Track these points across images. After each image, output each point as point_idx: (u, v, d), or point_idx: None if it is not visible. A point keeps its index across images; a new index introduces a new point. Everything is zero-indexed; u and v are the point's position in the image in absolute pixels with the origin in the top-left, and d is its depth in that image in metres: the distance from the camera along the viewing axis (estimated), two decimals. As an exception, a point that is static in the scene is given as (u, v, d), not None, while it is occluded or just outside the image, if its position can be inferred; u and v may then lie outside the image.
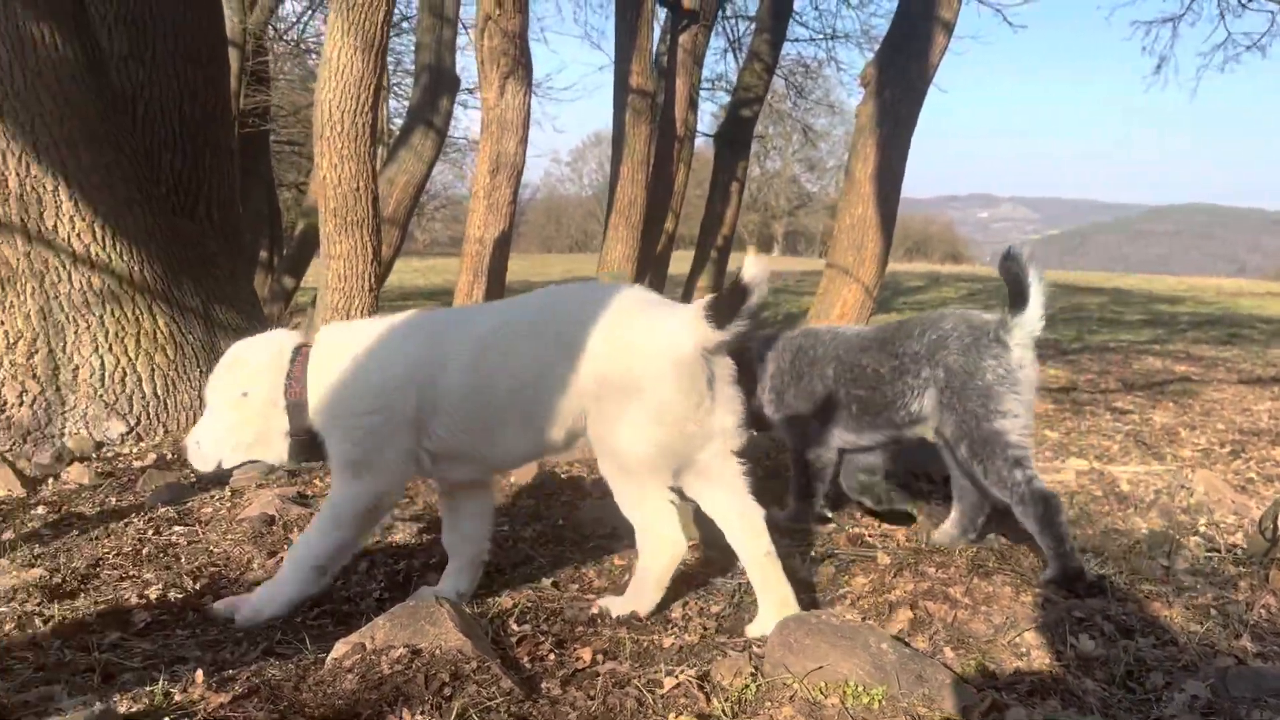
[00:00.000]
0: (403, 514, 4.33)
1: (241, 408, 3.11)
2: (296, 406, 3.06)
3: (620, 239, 7.55)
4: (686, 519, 3.97)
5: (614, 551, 3.84)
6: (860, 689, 2.40)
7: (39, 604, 3.14)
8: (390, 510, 3.18)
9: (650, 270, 9.82)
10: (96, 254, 5.78)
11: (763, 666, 2.55)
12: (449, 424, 3.01)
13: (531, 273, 27.26)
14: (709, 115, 20.82)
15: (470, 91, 15.42)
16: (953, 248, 68.14)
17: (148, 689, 2.29)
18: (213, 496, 4.66)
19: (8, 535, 4.14)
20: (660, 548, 3.06)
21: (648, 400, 2.87)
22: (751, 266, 2.76)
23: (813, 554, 3.71)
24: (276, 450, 3.14)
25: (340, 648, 2.52)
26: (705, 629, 2.98)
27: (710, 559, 3.68)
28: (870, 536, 4.09)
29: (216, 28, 7.17)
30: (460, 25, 11.51)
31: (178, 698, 2.25)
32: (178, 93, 6.74)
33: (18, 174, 5.57)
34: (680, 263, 12.82)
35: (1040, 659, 2.84)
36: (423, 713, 2.24)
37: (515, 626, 2.93)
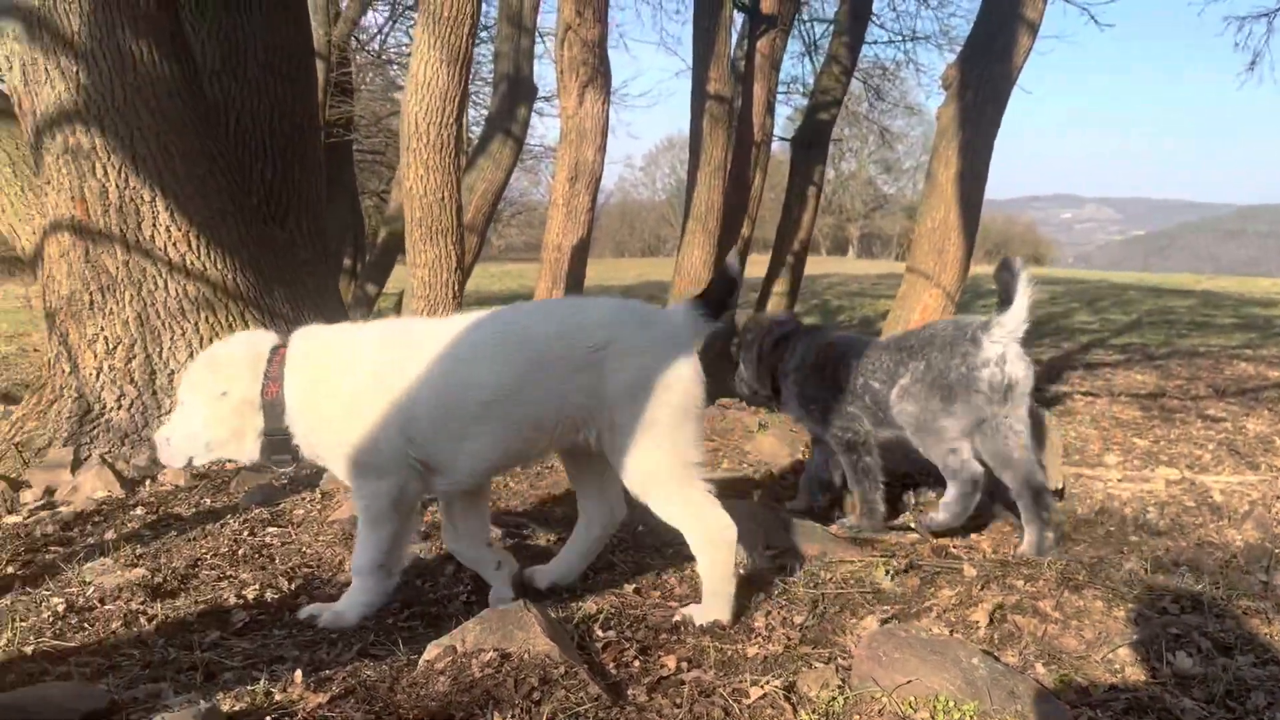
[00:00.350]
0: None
1: (218, 406, 3.14)
2: (272, 406, 3.11)
3: (697, 245, 7.56)
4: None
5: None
6: (951, 704, 2.38)
7: (142, 602, 3.27)
8: (422, 494, 3.18)
9: (727, 275, 9.81)
10: (191, 263, 5.99)
11: (850, 679, 2.54)
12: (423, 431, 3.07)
13: (605, 277, 27.40)
14: (783, 118, 20.70)
15: (547, 99, 15.58)
16: (1034, 249, 66.67)
17: (249, 688, 2.37)
18: (304, 499, 4.79)
19: (110, 535, 4.31)
20: (711, 539, 3.12)
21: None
22: (733, 262, 3.32)
23: (896, 565, 3.67)
24: (249, 449, 3.19)
25: (432, 650, 2.57)
26: (789, 639, 2.98)
27: (791, 568, 3.67)
28: (955, 548, 4.03)
29: (305, 42, 7.37)
30: (537, 34, 11.65)
31: (278, 697, 2.33)
32: (269, 106, 6.94)
33: (117, 186, 5.81)
34: (755, 267, 12.79)
35: (1135, 676, 2.77)
36: (513, 716, 2.28)
37: (600, 632, 2.95)
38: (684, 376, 3.08)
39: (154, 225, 5.89)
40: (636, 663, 2.75)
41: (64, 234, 5.83)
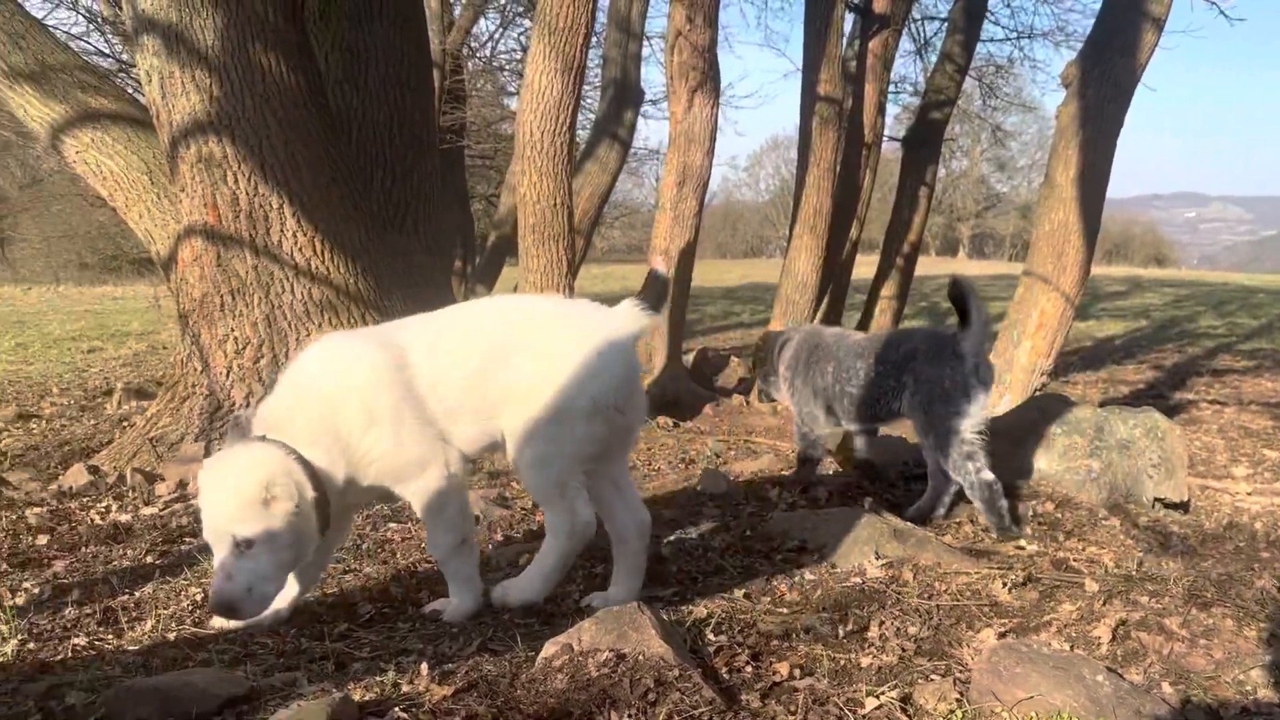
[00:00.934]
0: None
1: (294, 522, 2.90)
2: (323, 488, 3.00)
3: (805, 248, 7.51)
4: (883, 533, 3.94)
5: (804, 565, 3.83)
6: (1074, 722, 2.32)
7: (275, 592, 3.43)
8: (465, 463, 3.27)
9: (834, 279, 9.71)
10: (316, 267, 6.23)
11: (969, 692, 2.50)
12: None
13: (707, 279, 27.37)
14: (890, 117, 20.36)
15: (654, 103, 15.66)
16: (1156, 250, 64.00)
17: (378, 679, 2.47)
18: (420, 496, 4.94)
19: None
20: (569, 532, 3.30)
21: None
22: (661, 266, 3.75)
23: (1015, 578, 3.59)
24: (311, 548, 3.05)
25: (549, 648, 2.63)
26: (903, 650, 2.95)
27: (903, 579, 3.62)
28: (1075, 561, 3.92)
29: (423, 53, 7.59)
30: (645, 38, 11.73)
31: (405, 688, 2.42)
32: (388, 114, 7.17)
33: (247, 193, 6.08)
34: (863, 269, 12.61)
35: (1269, 698, 2.65)
36: (629, 716, 2.32)
37: (712, 636, 2.98)
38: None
39: (281, 231, 6.15)
40: (749, 668, 2.76)
41: (197, 239, 6.13)
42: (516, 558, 3.90)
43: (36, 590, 3.57)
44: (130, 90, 8.44)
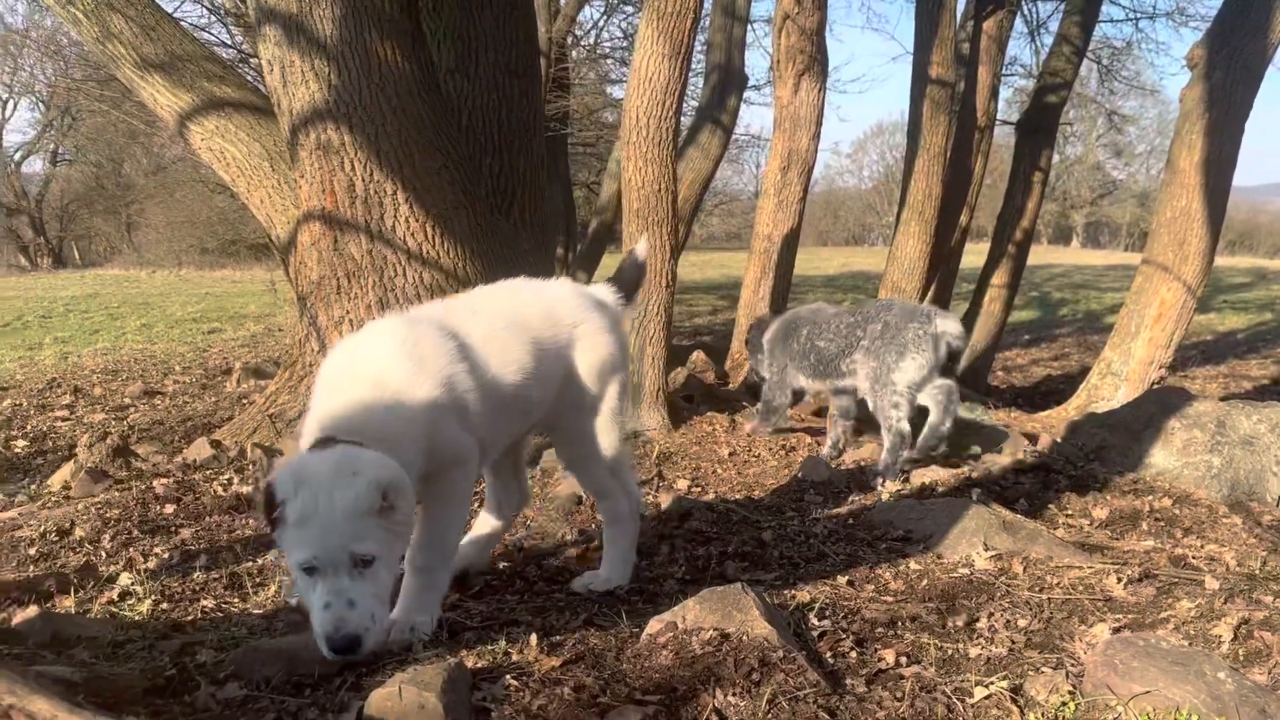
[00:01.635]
0: (696, 501, 4.49)
1: (406, 533, 2.69)
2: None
3: (913, 235, 7.37)
4: (991, 526, 3.87)
5: (909, 555, 3.79)
6: (1194, 719, 2.25)
7: (388, 563, 3.55)
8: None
9: (941, 266, 9.51)
10: (427, 252, 6.39)
11: (1082, 685, 2.45)
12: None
13: (807, 267, 27.09)
14: (1002, 100, 19.74)
15: (757, 88, 15.55)
16: (1283, 240, 60.65)
17: (489, 647, 2.54)
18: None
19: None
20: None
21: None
22: (642, 249, 3.63)
23: (1130, 574, 3.49)
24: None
25: (654, 624, 2.67)
26: (1013, 642, 2.89)
27: (1013, 571, 3.55)
28: (1194, 559, 3.79)
29: (531, 40, 7.69)
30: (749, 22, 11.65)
31: (515, 657, 2.49)
32: (497, 102, 7.29)
33: (362, 179, 6.27)
34: (972, 257, 12.31)
35: None
36: (734, 694, 2.34)
37: (815, 621, 2.97)
38: None
39: (395, 216, 6.32)
40: (853, 654, 2.75)
41: (315, 224, 6.36)
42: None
43: (166, 555, 3.77)
44: (251, 79, 8.78)
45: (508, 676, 2.34)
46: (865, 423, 6.37)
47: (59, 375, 9.60)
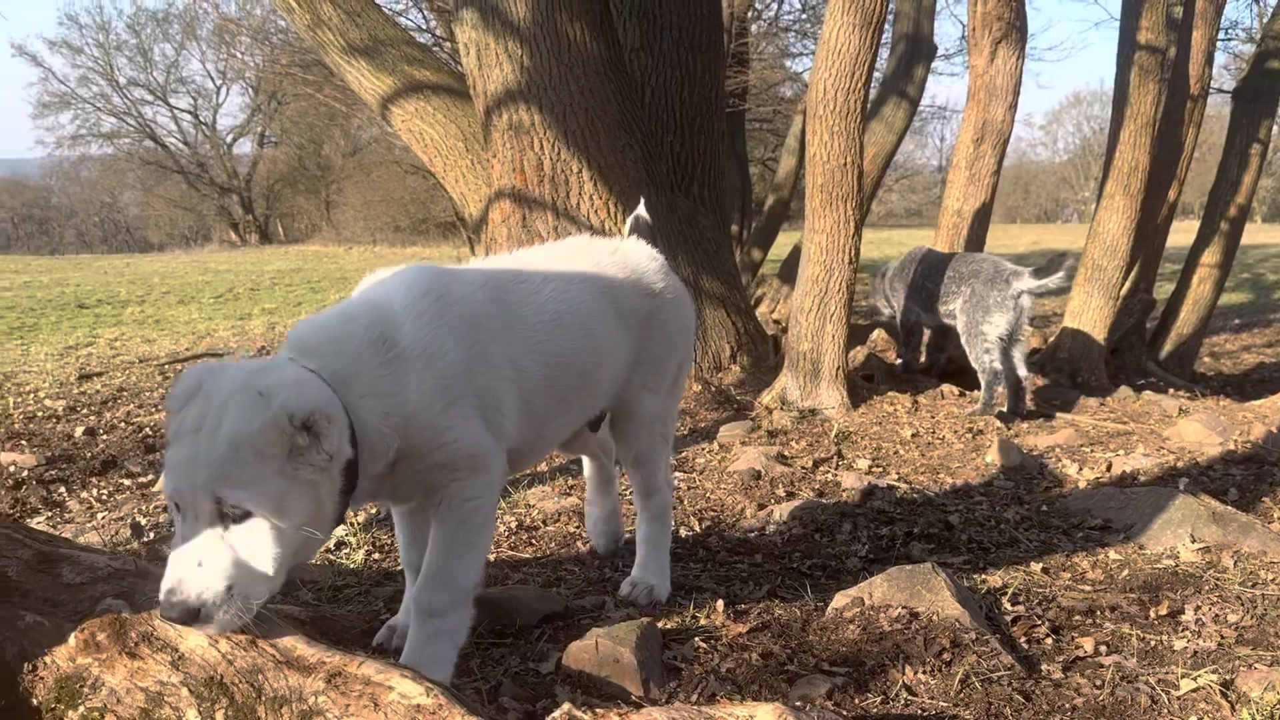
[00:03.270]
0: (879, 481, 4.43)
1: (317, 488, 1.93)
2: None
3: (1117, 209, 6.94)
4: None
5: (1108, 544, 3.62)
6: None
7: (576, 527, 3.68)
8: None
9: (1147, 244, 8.93)
10: (610, 228, 6.52)
11: (1305, 687, 2.29)
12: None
13: (995, 243, 25.93)
14: (1218, 67, 18.26)
15: (946, 57, 14.98)
16: None
17: (677, 611, 2.61)
18: (704, 449, 5.11)
19: (542, 466, 4.87)
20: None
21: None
22: (643, 213, 3.16)
23: (1361, 573, 3.22)
24: (319, 546, 2.17)
25: (840, 599, 2.67)
26: (1222, 637, 2.73)
27: (1222, 565, 3.34)
28: None
29: (715, 15, 7.69)
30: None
31: (702, 622, 2.54)
32: (680, 79, 7.34)
33: (550, 158, 6.45)
34: (1180, 235, 11.48)
35: None
36: (924, 672, 2.31)
37: (1008, 606, 2.89)
38: None
39: (579, 194, 6.48)
40: (1049, 640, 2.66)
41: (505, 201, 6.59)
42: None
43: (374, 510, 4.03)
44: (445, 62, 9.15)
45: (696, 639, 2.40)
46: (1048, 404, 6.10)
47: (267, 343, 10.35)
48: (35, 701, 1.73)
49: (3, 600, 1.82)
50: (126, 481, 5.44)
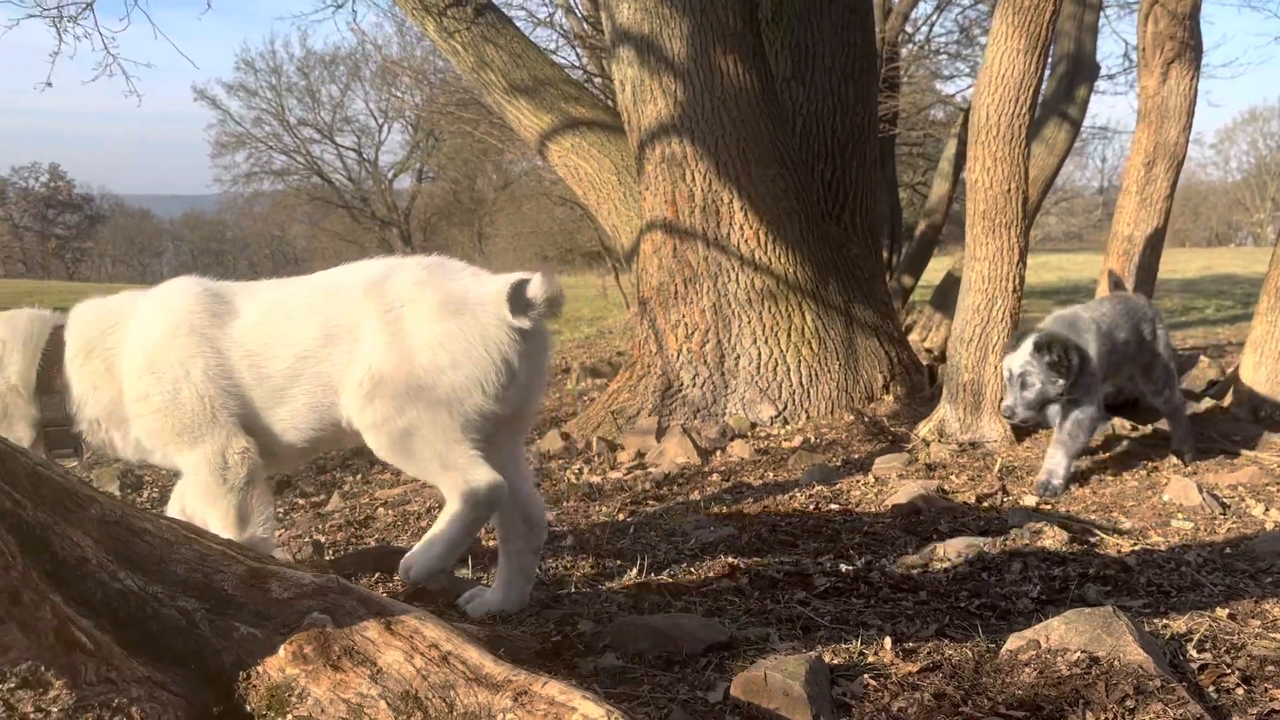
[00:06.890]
0: (1048, 517, 4.28)
1: None
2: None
3: (1304, 234, 6.53)
4: None
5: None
6: None
7: (735, 557, 3.70)
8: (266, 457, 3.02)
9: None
10: (760, 258, 6.55)
11: None
12: None
13: (1163, 268, 24.57)
14: None
15: (1110, 78, 14.41)
16: None
17: (844, 646, 2.59)
18: (859, 481, 5.04)
19: (695, 496, 4.92)
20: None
21: None
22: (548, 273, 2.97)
23: None
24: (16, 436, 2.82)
25: (1014, 641, 2.59)
26: None
27: None
28: None
29: (869, 43, 7.65)
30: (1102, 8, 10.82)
31: (870, 659, 2.51)
32: (832, 107, 7.32)
33: (702, 188, 6.54)
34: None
35: None
36: (1106, 719, 2.22)
37: (1194, 653, 2.74)
38: None
39: (730, 224, 6.54)
40: (1240, 690, 2.51)
41: (657, 232, 6.71)
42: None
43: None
44: (598, 98, 9.39)
45: (865, 676, 2.38)
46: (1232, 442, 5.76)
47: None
48: (248, 708, 1.87)
49: (220, 612, 1.98)
50: (300, 501, 5.77)
